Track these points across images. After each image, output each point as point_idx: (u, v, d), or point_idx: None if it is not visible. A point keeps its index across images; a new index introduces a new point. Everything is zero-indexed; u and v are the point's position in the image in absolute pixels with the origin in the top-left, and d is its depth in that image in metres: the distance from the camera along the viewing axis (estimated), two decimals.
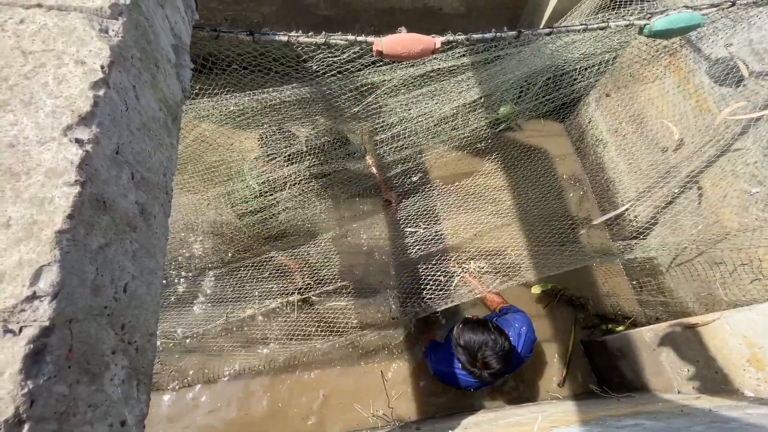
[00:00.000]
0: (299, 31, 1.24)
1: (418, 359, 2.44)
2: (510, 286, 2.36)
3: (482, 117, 2.39)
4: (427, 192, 2.81)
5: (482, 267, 2.59)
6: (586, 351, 2.58)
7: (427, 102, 2.17)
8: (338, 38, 1.26)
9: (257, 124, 2.04)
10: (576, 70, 2.30)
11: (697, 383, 1.85)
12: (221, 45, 1.26)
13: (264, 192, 2.15)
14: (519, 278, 2.34)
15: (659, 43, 2.31)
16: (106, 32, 0.62)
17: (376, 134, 2.41)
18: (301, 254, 2.54)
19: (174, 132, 0.86)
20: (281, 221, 2.40)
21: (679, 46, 2.27)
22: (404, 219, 2.73)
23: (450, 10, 2.97)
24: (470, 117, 2.37)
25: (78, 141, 0.54)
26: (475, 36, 1.36)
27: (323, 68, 1.49)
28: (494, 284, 2.38)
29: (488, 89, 2.21)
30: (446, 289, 2.37)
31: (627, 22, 1.50)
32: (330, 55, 1.39)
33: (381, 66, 1.67)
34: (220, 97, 1.83)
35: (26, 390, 0.45)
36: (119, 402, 0.59)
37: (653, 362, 2.09)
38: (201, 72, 1.46)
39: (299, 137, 2.14)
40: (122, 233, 0.62)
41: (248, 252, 2.53)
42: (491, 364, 1.73)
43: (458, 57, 1.80)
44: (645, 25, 1.49)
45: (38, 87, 0.56)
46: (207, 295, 2.49)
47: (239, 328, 2.43)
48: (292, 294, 2.45)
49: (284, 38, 1.22)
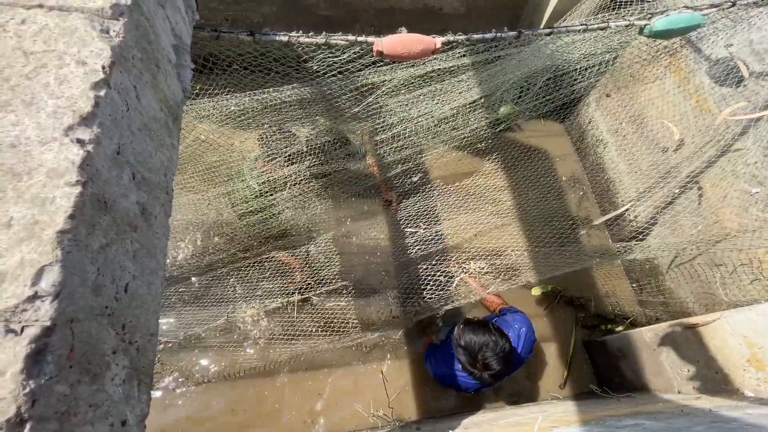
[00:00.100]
0: (299, 32, 1.24)
1: (418, 359, 2.44)
2: (510, 288, 2.36)
3: (482, 117, 2.39)
4: (428, 192, 2.81)
5: (482, 267, 2.59)
6: (587, 351, 2.58)
7: (428, 102, 2.16)
8: (339, 38, 1.26)
9: (258, 125, 2.04)
10: (576, 71, 2.30)
11: (698, 383, 1.85)
12: (222, 45, 1.26)
13: (264, 192, 2.15)
14: (519, 280, 2.34)
15: (659, 44, 2.31)
16: (107, 33, 0.62)
17: (377, 134, 2.41)
18: (301, 254, 2.54)
19: (175, 132, 0.86)
20: (281, 221, 2.40)
21: (680, 47, 2.27)
22: (404, 219, 2.73)
23: (450, 10, 2.97)
24: (470, 117, 2.36)
25: (79, 141, 0.54)
26: (476, 36, 1.36)
27: (324, 68, 1.50)
28: (494, 286, 2.38)
29: (488, 89, 2.21)
30: (446, 290, 2.37)
31: (627, 23, 1.50)
32: (330, 56, 1.40)
33: (381, 66, 1.67)
34: (221, 98, 1.83)
35: (28, 390, 0.45)
36: (120, 402, 0.59)
37: (653, 362, 2.09)
38: (201, 72, 1.46)
39: (299, 137, 2.14)
40: (123, 233, 0.62)
41: (249, 252, 2.53)
42: (491, 366, 1.73)
43: (458, 57, 1.80)
44: (645, 26, 1.49)
45: (40, 87, 0.56)
46: (207, 295, 2.49)
47: (239, 328, 2.44)
48: (293, 294, 2.45)
49: (285, 38, 1.22)
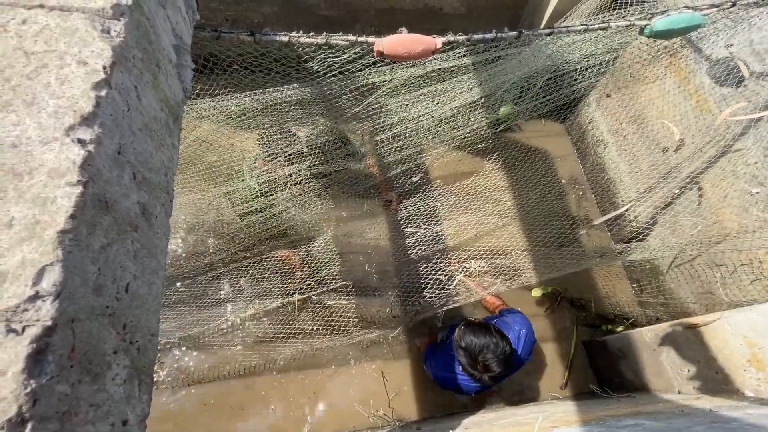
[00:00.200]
0: (300, 32, 1.24)
1: (419, 358, 2.44)
2: (510, 289, 2.36)
3: (483, 117, 2.39)
4: (428, 192, 2.81)
5: (483, 267, 2.59)
6: (587, 351, 2.58)
7: (428, 102, 2.17)
8: (339, 38, 1.26)
9: (258, 125, 2.04)
10: (576, 71, 2.30)
11: (698, 383, 1.85)
12: (222, 45, 1.26)
13: (265, 192, 2.15)
14: (519, 281, 2.34)
15: (660, 44, 2.31)
16: (108, 33, 0.62)
17: (377, 134, 2.41)
18: (302, 254, 2.54)
19: (175, 132, 0.86)
20: (282, 221, 2.40)
21: (680, 47, 2.27)
22: (405, 219, 2.73)
23: (450, 11, 2.97)
24: (471, 117, 2.36)
25: (80, 141, 0.55)
26: (476, 36, 1.36)
27: (324, 68, 1.50)
28: (494, 287, 2.38)
29: (489, 89, 2.21)
30: (447, 289, 2.37)
31: (628, 23, 1.50)
32: (331, 56, 1.40)
33: (382, 66, 1.67)
34: (221, 98, 1.83)
35: (29, 389, 0.45)
36: (121, 401, 0.59)
37: (654, 362, 2.09)
38: (202, 72, 1.46)
39: (300, 137, 2.14)
40: (124, 233, 0.62)
41: (249, 251, 2.53)
42: (492, 368, 1.73)
43: (459, 57, 1.80)
44: (646, 26, 1.49)
45: (40, 87, 0.56)
46: (207, 295, 2.50)
47: (239, 328, 2.44)
48: (293, 294, 2.46)
49: (285, 38, 1.22)
